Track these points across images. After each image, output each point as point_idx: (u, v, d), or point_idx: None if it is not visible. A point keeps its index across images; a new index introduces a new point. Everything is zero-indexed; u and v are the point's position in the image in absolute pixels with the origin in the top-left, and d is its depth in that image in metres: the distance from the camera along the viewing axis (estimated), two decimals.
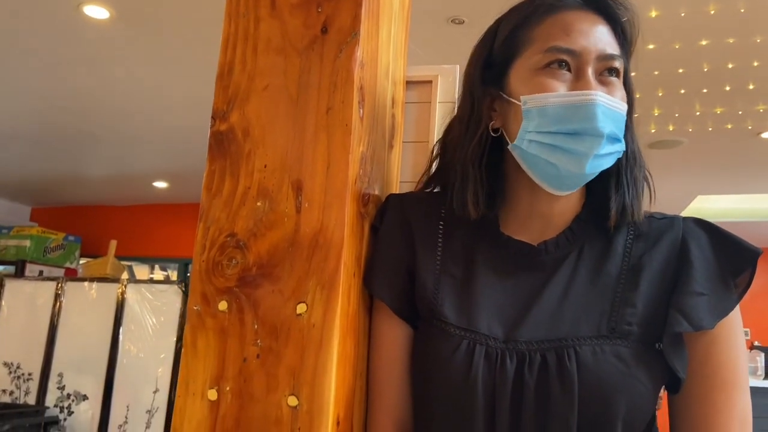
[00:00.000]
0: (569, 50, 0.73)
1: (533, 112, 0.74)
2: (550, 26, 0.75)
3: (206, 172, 0.78)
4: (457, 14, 2.43)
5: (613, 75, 0.75)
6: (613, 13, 0.76)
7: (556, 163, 0.74)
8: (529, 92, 0.74)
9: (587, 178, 0.76)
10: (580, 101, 0.72)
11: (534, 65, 0.75)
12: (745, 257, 0.76)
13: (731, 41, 3.04)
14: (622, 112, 0.74)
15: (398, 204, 0.85)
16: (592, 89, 0.72)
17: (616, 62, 0.75)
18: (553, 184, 0.77)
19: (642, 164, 0.79)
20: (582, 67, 0.73)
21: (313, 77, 0.78)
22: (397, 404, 0.79)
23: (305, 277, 0.73)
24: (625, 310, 0.74)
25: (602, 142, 0.71)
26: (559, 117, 0.72)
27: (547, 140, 0.73)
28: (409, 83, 1.04)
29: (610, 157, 0.75)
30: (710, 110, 3.86)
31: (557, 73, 0.73)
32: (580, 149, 0.72)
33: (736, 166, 4.97)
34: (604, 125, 0.71)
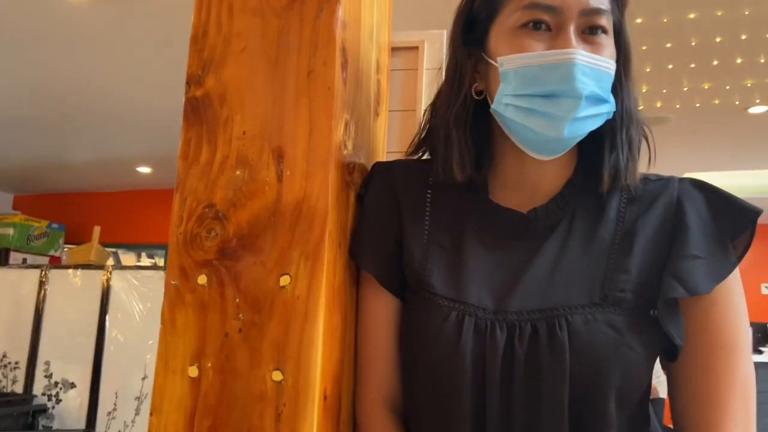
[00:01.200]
0: (548, 6, 0.68)
1: (510, 74, 0.70)
2: None
3: (182, 140, 0.74)
4: None
5: (599, 32, 0.70)
6: None
7: (534, 127, 0.70)
8: (507, 52, 0.70)
9: (569, 142, 0.72)
10: (556, 60, 0.67)
11: (512, 24, 0.71)
12: (745, 217, 0.72)
13: (719, 14, 3.01)
14: (609, 70, 0.70)
15: (384, 172, 0.82)
16: (572, 47, 0.67)
17: (602, 18, 0.70)
18: (535, 148, 0.73)
19: (639, 123, 0.75)
20: (562, 24, 0.69)
21: (293, 38, 0.74)
22: (386, 377, 0.77)
23: (288, 247, 0.70)
24: (618, 276, 0.71)
25: (581, 104, 0.67)
26: (535, 78, 0.68)
27: (524, 104, 0.70)
28: (395, 50, 1.00)
29: (596, 119, 0.71)
30: (698, 86, 3.85)
31: (535, 32, 0.69)
32: (557, 112, 0.68)
33: (724, 143, 4.98)
34: (584, 86, 0.67)
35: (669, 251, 0.72)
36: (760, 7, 2.96)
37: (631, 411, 0.70)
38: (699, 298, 0.70)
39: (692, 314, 0.71)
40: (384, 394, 0.77)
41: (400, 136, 1.00)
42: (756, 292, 7.66)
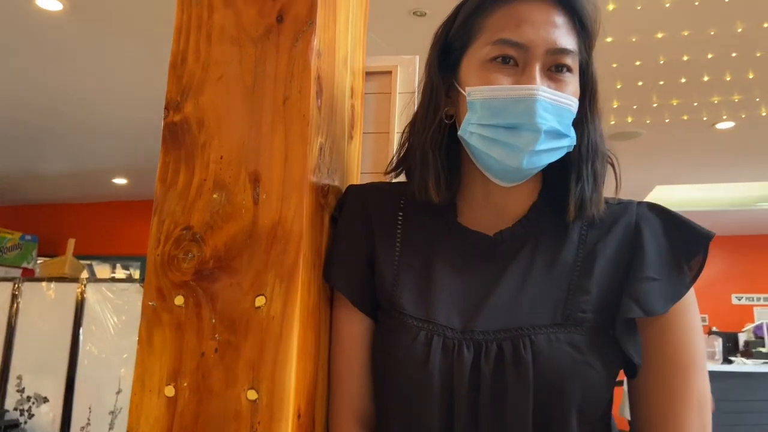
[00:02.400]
0: (517, 43, 0.72)
1: (476, 104, 0.74)
2: (502, 17, 0.74)
3: (160, 164, 0.76)
4: (419, 6, 2.42)
5: (564, 70, 0.74)
6: (570, 4, 0.75)
7: (495, 156, 0.74)
8: (476, 83, 0.74)
9: (528, 171, 0.76)
10: (520, 95, 0.71)
11: (483, 56, 0.74)
12: (698, 241, 0.76)
13: (686, 34, 3.11)
14: (570, 107, 0.73)
15: (358, 195, 0.84)
16: (535, 84, 0.71)
17: (567, 57, 0.73)
18: (497, 175, 0.77)
19: (604, 155, 0.78)
20: (529, 61, 0.72)
21: (269, 67, 0.76)
22: (358, 394, 0.79)
23: (264, 269, 0.72)
24: (579, 297, 0.74)
25: (540, 137, 0.71)
26: (499, 110, 0.72)
27: (487, 133, 0.73)
28: (369, 74, 1.03)
29: (555, 152, 0.74)
30: (667, 102, 3.95)
31: (503, 67, 0.73)
32: (517, 144, 0.72)
33: (692, 157, 5.11)
34: (544, 121, 0.70)
35: (627, 273, 0.75)
36: (725, 28, 3.07)
37: (592, 425, 0.73)
38: (655, 319, 0.74)
39: (649, 334, 0.75)
40: (356, 412, 0.79)
41: (374, 157, 1.03)
42: (727, 302, 7.83)
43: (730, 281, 7.88)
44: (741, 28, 3.07)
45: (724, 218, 7.21)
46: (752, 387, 5.30)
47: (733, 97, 3.86)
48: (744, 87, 3.70)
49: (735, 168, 5.41)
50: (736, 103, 3.94)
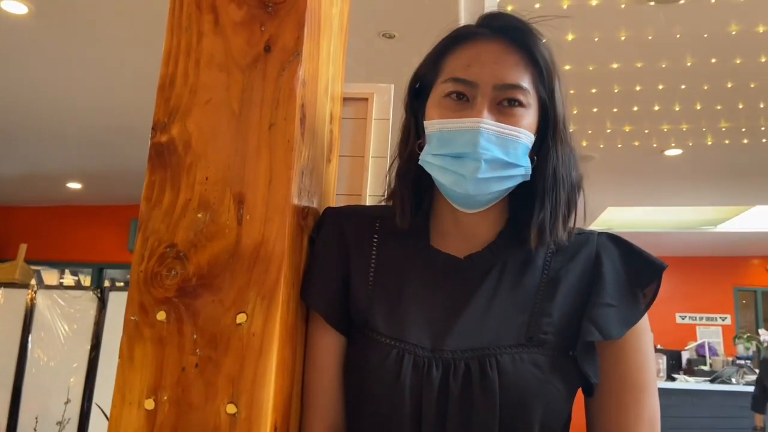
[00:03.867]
0: (466, 81, 0.78)
1: (432, 136, 0.80)
2: (458, 57, 0.81)
3: (146, 182, 0.79)
4: (388, 29, 2.49)
5: (515, 104, 0.78)
6: (524, 43, 0.79)
7: (446, 183, 0.80)
8: (434, 117, 0.80)
9: (482, 198, 0.80)
10: (464, 127, 0.77)
11: (440, 93, 0.81)
12: (652, 270, 0.82)
13: (639, 65, 3.27)
14: (517, 138, 0.77)
15: (335, 217, 0.88)
16: (479, 117, 0.76)
17: (517, 92, 0.78)
18: (456, 202, 0.82)
19: (572, 185, 0.82)
20: (476, 96, 0.78)
21: (256, 94, 0.80)
22: (330, 410, 0.83)
23: (246, 287, 0.75)
24: (542, 320, 0.79)
25: (482, 166, 0.76)
26: (448, 141, 0.78)
27: (439, 162, 0.79)
28: (347, 100, 1.07)
29: (504, 180, 0.79)
30: (620, 128, 4.12)
31: (455, 103, 0.79)
32: (462, 171, 0.77)
33: (642, 181, 5.32)
34: (486, 151, 0.76)
35: (587, 299, 0.81)
36: (676, 62, 3.23)
37: None
38: (612, 342, 0.79)
39: (606, 356, 0.81)
40: (327, 426, 0.82)
41: (350, 180, 1.07)
42: (671, 321, 8.12)
43: (675, 301, 8.18)
44: (690, 63, 3.25)
45: (670, 240, 7.50)
46: (695, 404, 5.52)
47: (681, 126, 4.06)
48: (692, 117, 3.90)
49: (681, 192, 5.66)
50: (684, 131, 4.14)
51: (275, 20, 0.82)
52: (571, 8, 2.73)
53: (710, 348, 6.57)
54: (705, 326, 8.07)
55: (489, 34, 0.80)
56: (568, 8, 2.73)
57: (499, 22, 0.81)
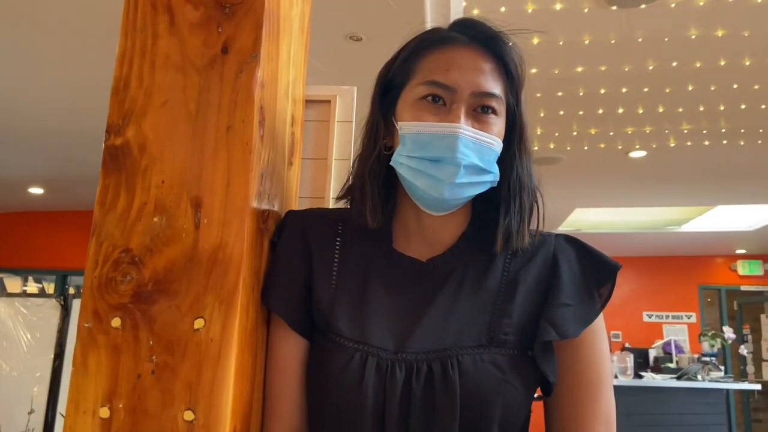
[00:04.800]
0: (444, 85, 0.79)
1: (406, 138, 0.80)
2: (434, 60, 0.81)
3: (99, 186, 0.77)
4: (355, 31, 2.49)
5: (489, 112, 0.80)
6: (499, 52, 0.81)
7: (421, 186, 0.80)
8: (408, 119, 0.80)
9: (453, 202, 0.82)
10: (444, 132, 0.78)
11: (415, 95, 0.81)
12: (608, 271, 0.84)
13: (603, 69, 3.32)
14: (491, 146, 0.79)
15: (297, 220, 0.88)
16: (458, 123, 0.77)
17: (492, 100, 0.80)
18: (425, 204, 0.83)
19: (532, 191, 0.84)
20: (455, 101, 0.79)
21: (213, 96, 0.79)
22: (292, 413, 0.82)
23: (203, 292, 0.74)
24: (502, 321, 0.80)
25: (460, 171, 0.77)
26: (425, 144, 0.78)
27: (414, 164, 0.79)
28: (309, 102, 1.07)
29: (477, 186, 0.80)
30: (586, 131, 4.19)
31: (432, 106, 0.79)
32: (439, 175, 0.78)
33: (608, 182, 5.41)
34: (464, 156, 0.77)
35: (545, 299, 0.82)
36: (638, 66, 3.30)
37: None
38: (569, 341, 0.81)
39: (563, 355, 0.82)
40: (290, 429, 0.82)
41: (313, 182, 1.07)
42: (638, 319, 8.27)
43: (642, 300, 8.34)
44: (652, 66, 3.31)
45: (636, 240, 7.64)
46: (661, 401, 5.62)
47: (645, 129, 4.14)
48: (655, 119, 3.98)
49: (646, 193, 5.77)
50: (647, 134, 4.22)
51: (233, 21, 0.81)
52: (536, 12, 2.77)
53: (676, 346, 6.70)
54: (671, 324, 8.23)
55: (465, 40, 0.81)
56: (532, 12, 2.77)
57: (475, 30, 0.82)
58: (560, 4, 2.74)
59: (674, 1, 2.74)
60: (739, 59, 3.23)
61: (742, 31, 2.97)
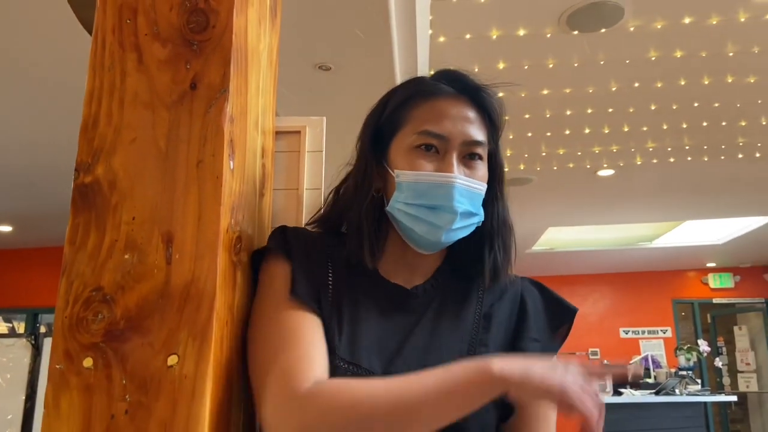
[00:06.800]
0: (438, 135, 0.84)
1: (403, 185, 0.84)
2: (426, 110, 0.86)
3: (69, 225, 0.77)
4: (324, 61, 2.52)
5: (476, 158, 0.86)
6: (482, 102, 0.88)
7: (417, 231, 0.84)
8: (404, 167, 0.85)
9: (444, 244, 0.87)
10: (441, 181, 0.83)
11: (409, 143, 0.85)
12: (567, 313, 0.92)
13: (568, 91, 3.40)
14: (480, 191, 0.86)
15: (300, 235, 0.89)
16: (453, 172, 0.83)
17: (479, 147, 0.86)
18: (419, 246, 0.88)
19: (512, 229, 0.91)
20: (448, 150, 0.84)
21: (183, 131, 0.79)
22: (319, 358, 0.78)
23: (176, 328, 0.74)
24: (479, 349, 0.85)
25: (456, 218, 0.82)
26: (423, 192, 0.83)
27: (412, 211, 0.84)
28: (279, 133, 1.08)
29: (466, 229, 0.86)
30: (554, 151, 4.26)
31: (426, 154, 0.84)
32: (437, 222, 0.83)
33: (578, 201, 5.50)
34: (460, 204, 0.82)
35: (515, 333, 0.88)
36: (602, 87, 3.38)
37: None
38: None
39: None
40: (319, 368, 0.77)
41: (284, 213, 1.07)
42: (615, 336, 8.35)
43: (618, 316, 8.43)
44: (615, 87, 3.40)
45: (610, 257, 7.75)
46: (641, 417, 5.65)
47: (611, 148, 4.24)
48: (620, 138, 4.08)
49: (616, 211, 5.88)
50: (614, 152, 4.32)
51: (200, 58, 0.82)
52: (500, 38, 2.83)
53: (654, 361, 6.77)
54: (647, 339, 8.33)
55: (453, 92, 0.87)
56: (497, 38, 2.83)
57: (461, 82, 0.88)
58: (523, 30, 2.81)
59: (633, 25, 2.84)
60: (698, 78, 3.34)
61: (700, 51, 3.07)
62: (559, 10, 2.69)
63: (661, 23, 2.82)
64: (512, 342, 0.87)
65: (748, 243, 7.06)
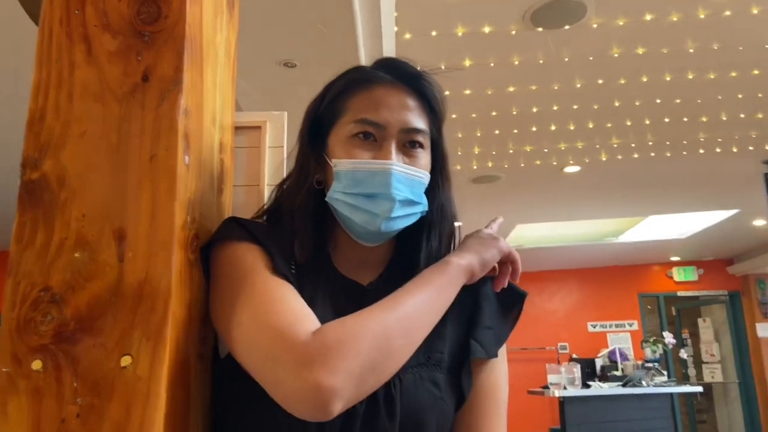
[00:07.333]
0: (375, 123, 0.83)
1: (341, 174, 0.83)
2: (363, 99, 0.84)
3: (16, 223, 0.74)
4: (290, 58, 2.50)
5: (417, 147, 0.85)
6: (422, 90, 0.87)
7: (356, 220, 0.83)
8: (341, 156, 0.83)
9: (387, 234, 0.85)
10: (378, 169, 0.81)
11: (347, 132, 0.84)
12: (517, 298, 0.92)
13: (534, 88, 3.43)
14: (421, 179, 0.85)
15: (257, 225, 0.86)
16: (390, 159, 0.81)
17: (419, 135, 0.85)
18: (359, 237, 0.86)
19: (451, 218, 0.90)
20: (386, 138, 0.83)
21: (135, 125, 0.77)
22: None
23: (130, 328, 0.71)
24: (437, 341, 0.83)
25: (395, 206, 0.81)
26: (360, 181, 0.82)
27: (350, 200, 0.83)
28: (239, 128, 1.06)
29: (409, 218, 0.85)
30: (521, 148, 4.30)
31: (364, 143, 0.83)
32: (375, 210, 0.82)
33: (546, 197, 5.56)
34: (398, 192, 0.81)
35: (470, 322, 0.87)
36: (567, 84, 3.42)
37: None
38: (485, 360, 0.86)
39: (478, 373, 0.86)
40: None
41: (245, 209, 1.05)
42: (584, 330, 8.47)
43: (586, 311, 8.55)
44: (579, 84, 3.45)
45: (577, 252, 7.86)
46: (610, 408, 5.74)
47: (577, 144, 4.29)
48: (586, 135, 4.13)
49: (583, 207, 5.96)
50: (580, 149, 4.37)
51: (152, 49, 0.79)
52: (466, 35, 2.84)
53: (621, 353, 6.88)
54: (615, 333, 8.46)
55: (391, 80, 0.86)
56: (463, 35, 2.84)
57: (400, 70, 0.87)
58: (489, 27, 2.83)
59: (596, 22, 2.87)
60: (659, 75, 3.40)
61: (661, 48, 3.13)
62: (523, 7, 2.71)
63: (623, 20, 2.86)
64: (467, 330, 0.87)
65: (711, 237, 7.23)
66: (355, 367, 0.66)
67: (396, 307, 0.74)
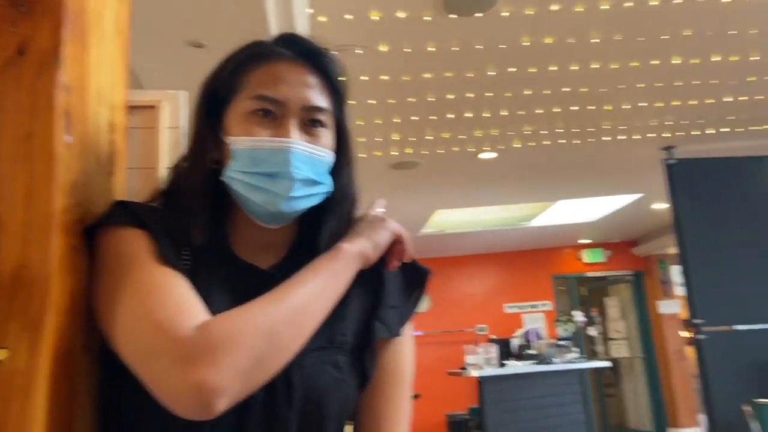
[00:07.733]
0: (274, 99, 0.79)
1: (238, 153, 0.80)
2: (261, 74, 0.81)
3: None
4: (197, 38, 2.41)
5: (318, 125, 0.82)
6: (323, 68, 0.84)
7: (256, 200, 0.80)
8: (238, 134, 0.80)
9: (288, 215, 0.83)
10: (277, 147, 0.78)
11: (244, 109, 0.80)
12: (421, 276, 0.92)
13: (449, 75, 3.48)
14: (324, 158, 0.82)
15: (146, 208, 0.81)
16: (290, 137, 0.78)
17: (321, 114, 0.82)
18: (260, 218, 0.83)
19: (353, 199, 0.88)
20: (285, 115, 0.80)
21: (9, 101, 0.71)
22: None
23: (6, 319, 0.67)
24: (339, 323, 0.82)
25: (295, 185, 0.79)
26: (259, 159, 0.78)
27: (248, 179, 0.79)
28: (132, 108, 1.00)
29: (312, 198, 0.82)
30: (439, 135, 4.36)
31: (263, 120, 0.79)
32: (275, 190, 0.79)
33: (463, 183, 5.68)
34: (298, 171, 0.78)
35: (373, 302, 0.86)
36: (480, 72, 3.49)
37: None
38: (390, 340, 0.86)
39: (383, 353, 0.86)
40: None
41: (141, 192, 1.00)
42: (500, 312, 8.75)
43: (502, 293, 8.84)
44: (492, 72, 3.52)
45: (495, 236, 8.09)
46: (525, 386, 5.97)
47: (491, 131, 4.40)
48: (499, 122, 4.24)
49: (499, 192, 6.13)
50: (495, 136, 4.49)
51: (29, 21, 0.74)
52: (381, 20, 2.84)
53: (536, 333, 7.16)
54: (530, 314, 8.79)
55: (291, 55, 0.82)
56: (378, 19, 2.83)
57: (300, 46, 0.84)
58: (402, 13, 2.83)
59: (506, 10, 2.94)
60: (566, 64, 3.53)
61: (567, 38, 3.25)
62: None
63: (531, 10, 2.94)
64: (371, 310, 0.86)
65: (617, 220, 7.63)
66: (240, 362, 0.63)
67: (284, 298, 0.71)
